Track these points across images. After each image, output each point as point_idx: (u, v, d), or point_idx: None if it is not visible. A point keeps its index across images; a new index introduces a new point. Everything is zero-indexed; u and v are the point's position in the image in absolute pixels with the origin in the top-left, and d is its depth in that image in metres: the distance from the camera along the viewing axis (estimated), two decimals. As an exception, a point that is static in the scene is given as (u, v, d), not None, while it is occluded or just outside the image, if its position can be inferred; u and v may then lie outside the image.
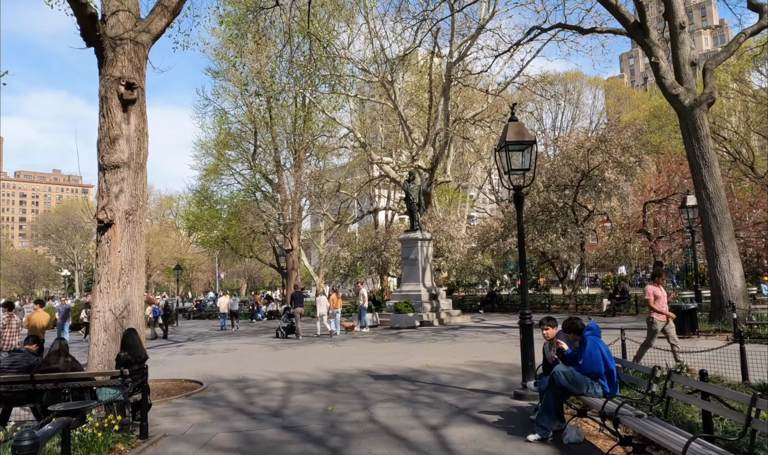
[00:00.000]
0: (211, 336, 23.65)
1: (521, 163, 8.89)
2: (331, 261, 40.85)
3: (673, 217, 26.74)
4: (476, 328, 21.51)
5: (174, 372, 13.49)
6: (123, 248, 10.39)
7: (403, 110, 30.32)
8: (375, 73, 29.36)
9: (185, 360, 15.85)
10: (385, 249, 36.38)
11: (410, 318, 22.96)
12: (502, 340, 16.91)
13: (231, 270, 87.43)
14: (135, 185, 10.59)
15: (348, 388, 10.16)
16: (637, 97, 61.23)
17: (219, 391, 10.57)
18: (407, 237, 25.86)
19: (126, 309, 10.28)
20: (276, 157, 39.02)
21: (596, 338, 6.28)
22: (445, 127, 26.01)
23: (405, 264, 26.08)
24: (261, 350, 17.39)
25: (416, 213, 26.25)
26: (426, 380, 10.62)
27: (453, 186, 46.18)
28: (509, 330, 19.89)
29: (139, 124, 10.71)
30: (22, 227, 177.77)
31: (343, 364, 13.19)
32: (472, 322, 24.47)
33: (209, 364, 14.56)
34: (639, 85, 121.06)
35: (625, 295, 24.72)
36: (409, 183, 26.42)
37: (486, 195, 66.73)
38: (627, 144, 26.72)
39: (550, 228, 29.00)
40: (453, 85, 29.44)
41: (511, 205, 33.60)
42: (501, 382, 10.07)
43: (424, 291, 24.93)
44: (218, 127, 41.64)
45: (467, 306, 33.02)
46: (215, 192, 43.21)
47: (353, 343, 17.99)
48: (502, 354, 13.75)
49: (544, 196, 28.37)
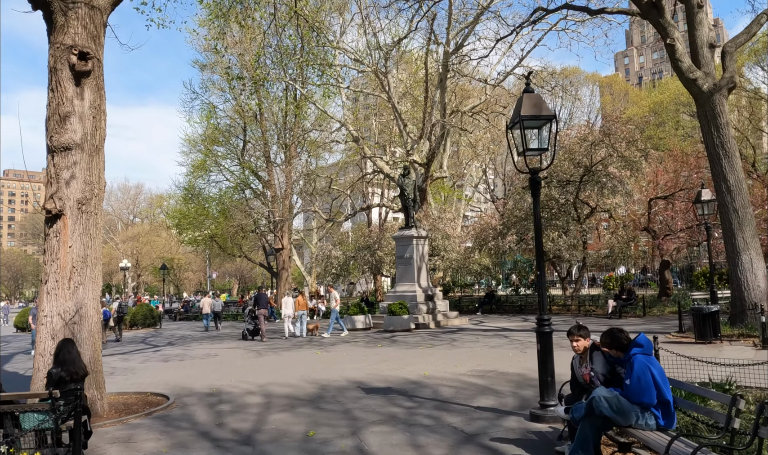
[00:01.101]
0: (193, 340, 22.21)
1: (539, 141, 7.56)
2: (323, 261, 39.43)
3: (681, 213, 25.50)
4: (475, 331, 20.18)
5: (143, 382, 12.08)
6: (75, 243, 8.98)
7: (397, 103, 28.97)
8: (368, 64, 27.98)
9: (159, 367, 14.43)
10: (379, 247, 35.01)
11: (405, 320, 21.60)
12: (505, 345, 15.58)
13: (222, 270, 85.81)
14: (89, 170, 9.19)
15: (335, 405, 8.79)
16: (635, 94, 60.17)
17: (187, 408, 9.18)
18: (402, 234, 24.50)
19: (78, 313, 8.88)
20: (266, 151, 37.56)
21: (648, 358, 4.93)
22: (441, 118, 24.67)
23: (399, 264, 24.72)
24: (243, 356, 15.98)
25: (411, 209, 24.89)
26: (425, 394, 9.27)
27: (449, 183, 44.88)
28: (511, 334, 18.58)
29: (94, 100, 9.30)
30: (11, 226, 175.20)
31: (332, 374, 11.82)
32: (471, 324, 23.15)
33: (184, 373, 13.15)
34: (634, 84, 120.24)
35: (632, 296, 23.46)
36: (404, 178, 25.07)
37: (481, 193, 65.54)
38: (632, 137, 25.47)
39: (551, 226, 27.73)
40: (450, 76, 28.14)
41: (509, 202, 32.34)
42: (512, 398, 8.74)
43: (419, 292, 23.58)
44: (206, 121, 40.16)
45: (464, 307, 31.70)
46: (203, 189, 41.68)
47: (344, 348, 16.62)
48: (508, 361, 12.42)
49: (545, 192, 27.08)
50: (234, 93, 37.99)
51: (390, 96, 28.08)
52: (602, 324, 19.59)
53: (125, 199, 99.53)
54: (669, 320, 20.74)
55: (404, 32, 23.52)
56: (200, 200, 40.25)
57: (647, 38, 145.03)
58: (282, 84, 33.67)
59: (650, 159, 26.41)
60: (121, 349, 19.61)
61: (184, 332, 26.88)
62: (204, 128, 40.28)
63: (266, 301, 21.24)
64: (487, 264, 35.98)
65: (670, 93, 48.36)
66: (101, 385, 9.07)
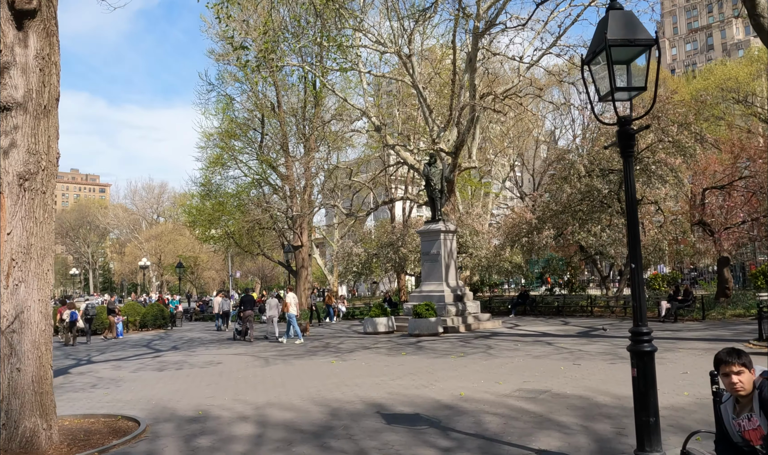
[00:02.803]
0: (200, 343, 20.38)
1: (629, 78, 5.35)
2: (343, 259, 37.41)
3: (741, 205, 22.76)
4: (512, 336, 17.89)
5: (123, 399, 10.16)
6: (15, 229, 7.03)
7: (422, 88, 26.72)
8: (391, 46, 25.79)
9: (150, 378, 12.52)
10: (403, 244, 32.87)
11: (432, 323, 19.40)
12: (552, 355, 13.29)
13: (244, 269, 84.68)
14: (35, 137, 7.23)
15: (346, 442, 6.68)
16: (673, 82, 56.79)
17: (156, 441, 7.16)
18: (428, 229, 22.31)
19: (18, 319, 6.93)
20: (284, 143, 35.68)
21: None
22: (471, 100, 22.37)
23: (425, 261, 22.53)
24: (248, 365, 14.00)
25: (438, 201, 22.70)
26: (464, 426, 7.09)
27: (476, 176, 42.45)
28: (554, 340, 16.25)
29: (42, 49, 7.33)
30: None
31: (346, 391, 9.73)
32: (505, 328, 20.85)
33: (175, 386, 11.20)
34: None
35: (688, 297, 20.84)
36: (430, 166, 22.87)
37: (509, 190, 62.81)
38: (685, 119, 22.83)
39: (592, 220, 25.23)
40: (479, 59, 25.77)
41: (544, 195, 29.85)
42: (583, 436, 6.49)
43: (447, 292, 21.36)
44: (222, 113, 38.51)
45: (495, 308, 29.36)
46: (221, 184, 39.96)
47: (363, 357, 14.52)
48: (562, 378, 10.16)
49: (586, 182, 24.61)
50: (250, 82, 36.26)
51: (414, 80, 25.86)
52: (660, 329, 17.11)
53: (149, 199, 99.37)
54: (735, 325, 18.17)
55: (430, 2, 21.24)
56: (217, 195, 38.60)
57: (680, 30, 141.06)
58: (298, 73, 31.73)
59: (706, 144, 23.69)
60: (119, 354, 17.85)
61: (195, 334, 25.12)
62: (220, 121, 38.67)
63: (253, 303, 21.78)
64: (519, 262, 33.55)
65: (715, 79, 45.14)
66: (48, 411, 7.09)
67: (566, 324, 21.58)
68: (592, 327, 20.09)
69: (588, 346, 14.61)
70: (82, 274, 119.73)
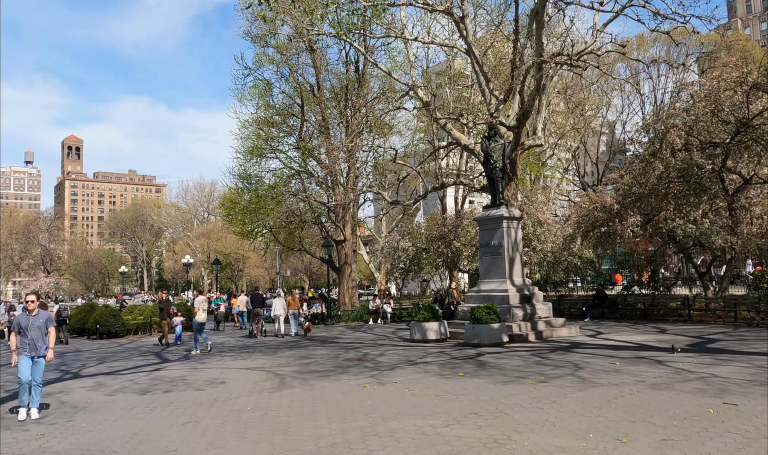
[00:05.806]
0: (218, 351, 17.30)
1: None
2: (390, 254, 33.92)
3: None
4: (600, 349, 13.88)
5: (55, 447, 6.99)
6: None
7: (478, 54, 22.83)
8: (440, 5, 22.06)
9: (123, 406, 9.35)
10: (455, 237, 29.11)
11: (495, 330, 15.58)
12: (674, 382, 9.31)
13: (293, 267, 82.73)
14: None
15: None
16: (761, 53, 50.31)
17: None
18: (487, 215, 18.49)
19: None
20: (324, 127, 32.53)
21: None
22: (538, 58, 18.34)
23: (484, 254, 18.70)
24: (255, 388, 10.66)
25: (499, 182, 18.83)
26: None
27: (537, 161, 38.02)
28: (661, 356, 12.15)
29: None
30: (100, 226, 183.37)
31: (373, 450, 6.18)
32: (586, 337, 16.81)
33: (139, 426, 7.96)
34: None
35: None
36: (489, 141, 19.06)
37: (570, 180, 57.65)
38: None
39: (690, 204, 20.75)
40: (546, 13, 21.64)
41: (625, 177, 25.33)
42: None
43: (512, 291, 17.49)
44: (260, 99, 35.69)
45: (564, 310, 25.10)
46: (259, 175, 37.16)
47: (406, 377, 10.91)
48: (720, 429, 6.25)
49: (683, 157, 20.16)
50: (289, 64, 33.32)
51: (469, 43, 22.01)
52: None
53: (200, 197, 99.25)
54: None
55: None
56: (253, 188, 35.84)
57: (753, 8, 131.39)
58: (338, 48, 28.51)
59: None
60: (117, 365, 14.94)
61: (221, 338, 22.20)
62: (257, 107, 35.87)
63: (262, 301, 22.72)
64: (589, 257, 29.14)
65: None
66: None
67: (663, 332, 17.30)
68: (701, 336, 15.81)
69: (719, 368, 10.52)
70: (138, 272, 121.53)
